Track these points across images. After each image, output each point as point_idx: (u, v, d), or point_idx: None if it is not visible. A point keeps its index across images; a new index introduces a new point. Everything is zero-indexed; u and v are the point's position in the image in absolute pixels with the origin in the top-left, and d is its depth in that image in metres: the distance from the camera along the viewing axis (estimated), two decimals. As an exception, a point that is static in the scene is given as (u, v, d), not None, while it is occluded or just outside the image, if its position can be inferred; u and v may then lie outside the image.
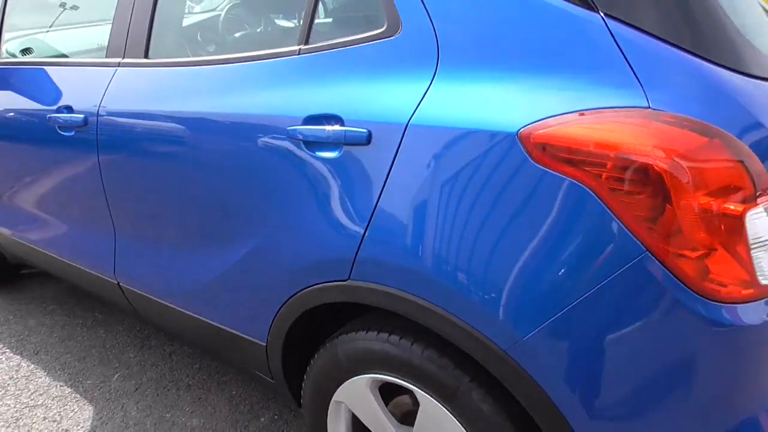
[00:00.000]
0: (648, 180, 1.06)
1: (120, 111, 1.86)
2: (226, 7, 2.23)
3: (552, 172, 1.12)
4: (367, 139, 1.33)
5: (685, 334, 1.09)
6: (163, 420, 2.19)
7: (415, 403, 1.45)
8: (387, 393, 1.54)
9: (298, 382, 1.72)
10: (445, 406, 1.35)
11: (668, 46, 1.14)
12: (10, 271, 3.04)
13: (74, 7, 2.55)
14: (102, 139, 1.92)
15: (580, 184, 1.10)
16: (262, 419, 2.18)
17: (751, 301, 1.10)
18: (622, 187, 1.07)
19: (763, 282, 1.09)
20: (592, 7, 1.17)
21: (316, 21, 1.51)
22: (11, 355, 2.57)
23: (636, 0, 1.17)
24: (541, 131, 1.13)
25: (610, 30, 1.15)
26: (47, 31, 2.56)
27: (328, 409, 1.63)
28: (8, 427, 2.17)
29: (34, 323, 2.79)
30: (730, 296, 1.08)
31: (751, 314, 1.09)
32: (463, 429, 1.35)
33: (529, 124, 1.14)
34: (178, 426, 2.16)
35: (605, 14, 1.16)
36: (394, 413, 1.54)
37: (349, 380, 1.53)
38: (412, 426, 1.46)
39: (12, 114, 2.30)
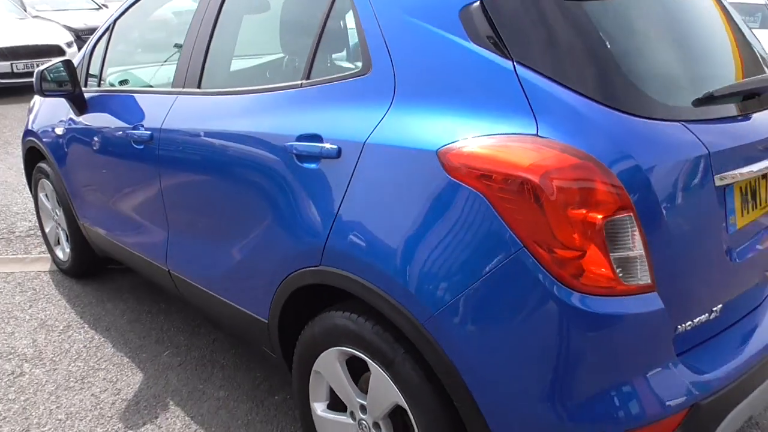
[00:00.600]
0: (524, 191, 1.35)
1: (175, 129, 2.34)
2: (256, 51, 2.70)
3: (458, 182, 1.43)
4: (338, 154, 1.70)
5: (552, 318, 1.36)
6: (196, 390, 2.60)
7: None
8: (358, 370, 1.84)
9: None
10: (387, 374, 1.66)
11: (562, 88, 1.43)
12: (98, 263, 3.61)
13: (177, 45, 3.05)
14: (161, 152, 2.40)
15: (478, 193, 1.40)
16: (276, 397, 2.54)
17: (610, 296, 1.35)
18: (507, 196, 1.37)
19: (624, 281, 1.34)
20: (506, 56, 1.48)
21: (315, 61, 1.91)
22: (88, 329, 3.10)
23: (542, 50, 1.47)
24: (451, 150, 1.45)
25: (517, 74, 1.46)
26: (138, 68, 3.13)
27: (309, 378, 1.97)
28: (77, 381, 2.66)
29: (111, 307, 3.32)
30: (595, 287, 1.34)
31: (606, 304, 1.34)
32: (400, 394, 1.65)
33: (445, 144, 1.47)
34: (207, 395, 2.56)
35: (517, 62, 1.47)
36: (363, 388, 1.85)
37: (324, 353, 1.87)
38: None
39: (107, 130, 2.85)
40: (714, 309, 1.57)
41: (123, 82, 3.12)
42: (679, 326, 1.49)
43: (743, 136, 1.59)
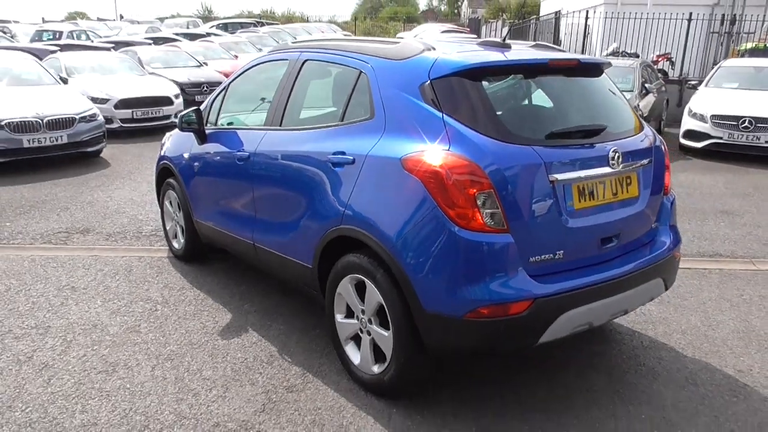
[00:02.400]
0: (439, 178, 2.65)
1: (264, 152, 3.77)
2: (315, 104, 4.08)
3: (409, 174, 2.75)
4: (353, 162, 3.06)
5: (452, 242, 2.63)
6: (265, 325, 3.95)
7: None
8: (361, 294, 3.12)
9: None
10: (373, 285, 2.96)
11: (465, 127, 2.74)
12: (201, 251, 5.05)
13: (266, 100, 4.53)
14: (255, 165, 3.84)
15: (418, 179, 2.71)
16: (316, 331, 3.84)
17: (482, 232, 2.61)
18: (431, 181, 2.67)
19: (483, 221, 2.60)
20: (439, 110, 2.82)
21: (347, 110, 3.30)
22: (195, 289, 4.52)
23: (458, 107, 2.79)
24: (406, 157, 2.78)
25: (444, 120, 2.79)
26: (241, 113, 4.62)
27: (334, 299, 3.28)
28: (190, 316, 4.06)
29: (209, 278, 4.74)
30: (471, 228, 2.61)
31: (478, 236, 2.61)
32: (380, 296, 2.93)
33: (405, 155, 2.80)
34: (272, 329, 3.90)
35: (444, 113, 2.80)
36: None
37: (342, 280, 3.18)
38: (363, 297, 3.08)
39: (220, 154, 4.32)
40: (558, 253, 2.78)
41: (230, 123, 4.61)
42: (531, 258, 2.72)
43: (575, 156, 2.83)
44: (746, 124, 9.43)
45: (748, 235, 6.00)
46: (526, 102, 3.13)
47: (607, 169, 2.91)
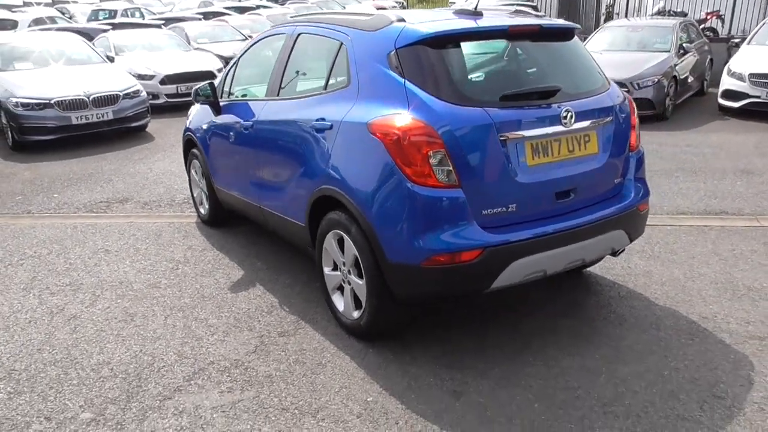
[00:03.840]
0: (397, 139, 2.94)
1: (263, 120, 4.12)
2: (306, 76, 4.36)
3: (373, 136, 3.04)
4: (331, 127, 3.37)
5: (408, 197, 2.92)
6: (272, 280, 4.35)
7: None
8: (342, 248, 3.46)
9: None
10: (349, 239, 3.28)
11: (423, 92, 3.01)
12: (224, 216, 5.48)
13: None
14: (256, 133, 4.20)
15: (380, 141, 3.01)
16: (318, 283, 4.22)
17: (435, 187, 2.89)
18: (390, 142, 2.96)
19: (436, 178, 2.87)
20: (402, 76, 3.09)
21: (329, 79, 3.60)
22: (216, 250, 4.96)
23: (417, 73, 3.05)
24: (371, 122, 3.07)
25: (405, 86, 3.06)
26: (250, 86, 4.98)
27: (322, 253, 3.62)
28: (207, 274, 4.51)
29: (230, 240, 5.17)
30: (425, 185, 2.89)
31: (432, 192, 2.88)
32: (356, 249, 3.26)
33: (371, 119, 3.09)
34: (278, 281, 4.29)
35: (406, 79, 3.07)
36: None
37: (327, 235, 3.52)
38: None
39: (231, 124, 4.70)
40: (510, 206, 3.03)
41: (243, 95, 4.97)
42: (484, 211, 2.98)
43: (527, 116, 3.05)
44: (785, 82, 9.15)
45: (762, 193, 6.00)
46: (485, 66, 3.35)
47: (559, 128, 3.12)
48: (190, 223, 5.71)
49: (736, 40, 12.38)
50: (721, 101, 9.94)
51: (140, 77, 10.95)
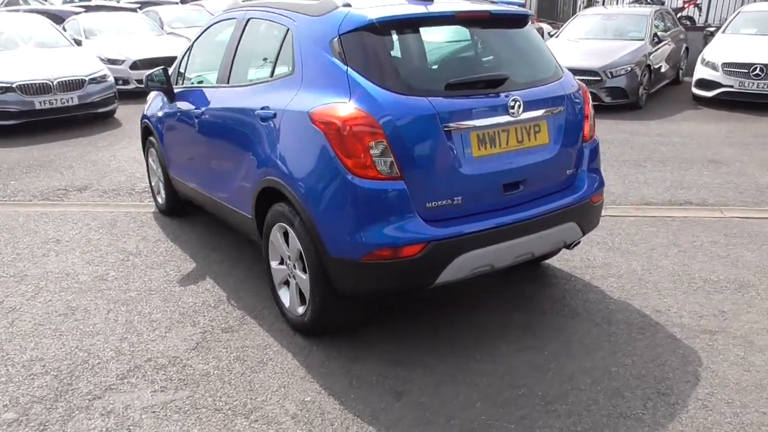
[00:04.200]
0: (337, 129, 2.82)
1: (212, 108, 3.98)
2: (254, 64, 4.21)
3: (314, 126, 2.92)
4: (274, 116, 3.24)
5: (348, 190, 2.81)
6: (223, 273, 4.23)
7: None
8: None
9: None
10: (293, 232, 3.17)
11: (366, 80, 2.89)
12: (181, 206, 5.33)
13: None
14: (206, 121, 4.06)
15: (320, 131, 2.89)
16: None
17: (375, 179, 2.78)
18: (331, 132, 2.84)
19: (377, 169, 2.77)
20: (345, 64, 2.96)
21: (276, 66, 3.46)
22: (170, 242, 4.83)
23: (360, 61, 2.93)
24: (313, 111, 2.95)
25: (347, 73, 2.94)
26: (203, 73, 4.82)
27: (269, 244, 3.51)
28: (157, 266, 4.38)
29: (187, 230, 5.04)
30: (366, 177, 2.78)
31: (373, 184, 2.78)
32: (299, 243, 3.14)
33: (312, 108, 2.97)
34: (231, 274, 4.18)
35: (349, 66, 2.94)
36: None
37: (273, 228, 3.40)
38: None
39: (183, 112, 4.55)
40: (456, 198, 2.93)
41: (198, 81, 4.82)
42: (427, 204, 2.88)
43: (472, 105, 2.94)
44: (757, 71, 9.12)
45: (727, 183, 5.96)
46: (431, 54, 3.24)
47: (507, 118, 3.02)
48: (148, 212, 5.56)
49: (711, 29, 12.35)
50: (694, 90, 9.91)
51: (110, 62, 10.71)
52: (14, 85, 8.30)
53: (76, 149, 7.85)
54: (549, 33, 11.89)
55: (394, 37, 3.02)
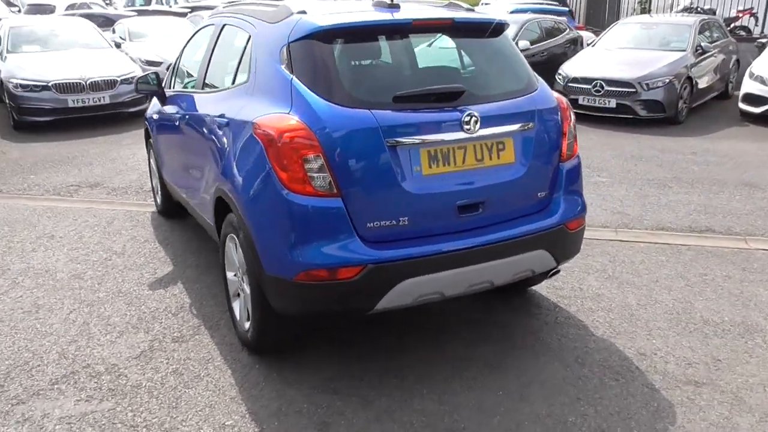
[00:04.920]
0: (273, 140, 2.66)
1: (188, 114, 3.90)
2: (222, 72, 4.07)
3: (257, 138, 2.77)
4: (227, 124, 3.11)
5: (282, 205, 2.65)
6: (199, 267, 4.13)
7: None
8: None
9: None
10: (239, 244, 3.03)
11: (309, 90, 2.72)
12: (174, 207, 5.25)
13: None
14: (186, 126, 3.98)
15: (260, 141, 2.74)
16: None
17: (309, 195, 2.61)
18: (267, 142, 2.69)
19: (312, 185, 2.59)
20: (291, 72, 2.80)
21: (237, 73, 3.34)
22: (156, 243, 4.78)
23: (304, 70, 2.77)
24: (254, 120, 2.80)
25: (291, 83, 2.77)
26: (189, 79, 4.75)
27: (225, 248, 3.36)
28: (138, 267, 4.33)
29: (177, 233, 4.99)
30: (301, 192, 2.61)
31: (307, 200, 2.60)
32: (242, 255, 3.00)
33: (256, 117, 2.82)
34: (201, 279, 4.07)
35: (294, 76, 2.78)
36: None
37: (227, 237, 3.26)
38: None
39: (169, 116, 4.49)
40: (401, 219, 2.72)
41: (185, 85, 4.75)
42: (368, 223, 2.67)
43: (421, 119, 2.72)
44: (813, 87, 8.45)
45: (760, 210, 5.47)
46: (385, 64, 3.04)
47: (461, 134, 2.78)
48: (146, 212, 5.55)
49: (763, 41, 11.55)
50: (741, 106, 9.27)
51: (148, 63, 10.90)
52: (50, 84, 8.55)
53: (101, 147, 7.99)
54: (588, 43, 11.38)
55: (343, 45, 2.84)
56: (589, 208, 5.39)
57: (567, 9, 15.82)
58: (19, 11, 19.59)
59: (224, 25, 3.81)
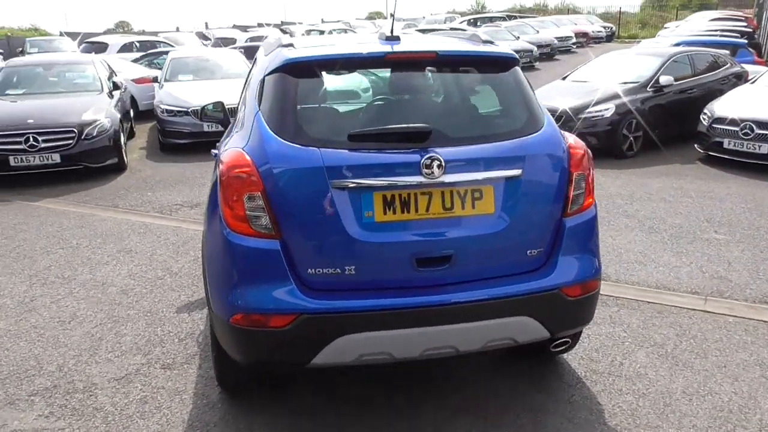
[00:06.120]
0: (221, 178, 2.57)
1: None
2: None
3: (218, 171, 2.72)
4: (216, 156, 3.09)
5: (224, 245, 2.54)
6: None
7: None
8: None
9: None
10: (212, 278, 2.98)
11: (266, 127, 2.60)
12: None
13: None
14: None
15: (218, 178, 2.68)
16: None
17: (248, 236, 2.48)
18: (218, 177, 2.61)
19: (251, 225, 2.46)
20: (259, 108, 2.71)
21: (239, 111, 3.33)
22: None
23: (265, 105, 2.65)
24: (219, 155, 2.75)
25: (255, 117, 2.69)
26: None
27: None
28: (166, 292, 4.48)
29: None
30: (239, 231, 2.50)
31: (243, 240, 2.48)
32: (213, 290, 2.95)
33: (222, 151, 2.77)
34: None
35: (258, 110, 2.70)
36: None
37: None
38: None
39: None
40: (347, 268, 2.48)
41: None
42: (309, 269, 2.48)
43: (376, 161, 2.47)
44: None
45: None
46: (351, 100, 2.81)
47: (419, 179, 2.48)
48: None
49: None
50: None
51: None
52: (189, 110, 9.35)
53: (222, 169, 8.52)
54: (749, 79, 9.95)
55: (312, 80, 2.69)
56: (686, 269, 4.69)
57: (743, 42, 14.12)
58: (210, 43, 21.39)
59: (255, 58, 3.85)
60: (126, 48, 17.92)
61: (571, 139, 2.83)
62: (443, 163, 2.48)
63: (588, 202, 2.80)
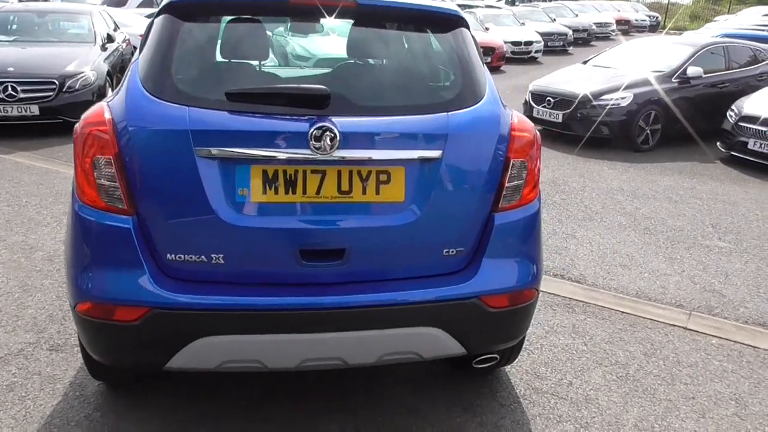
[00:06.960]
0: (75, 137, 2.13)
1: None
2: None
3: (84, 127, 2.28)
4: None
5: (74, 220, 2.09)
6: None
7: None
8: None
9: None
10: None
11: (136, 75, 2.13)
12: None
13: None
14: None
15: (83, 134, 2.24)
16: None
17: (98, 209, 2.04)
18: (74, 141, 2.17)
19: (99, 195, 2.02)
20: (139, 54, 2.26)
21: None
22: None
23: (145, 52, 2.18)
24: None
25: (132, 67, 2.23)
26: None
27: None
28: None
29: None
30: (87, 202, 2.06)
31: (91, 213, 2.05)
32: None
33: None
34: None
35: (138, 59, 2.24)
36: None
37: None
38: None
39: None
40: (214, 257, 2.05)
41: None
42: (170, 255, 2.05)
43: (253, 126, 2.00)
44: None
45: None
46: (241, 52, 2.32)
47: (306, 152, 2.01)
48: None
49: None
50: None
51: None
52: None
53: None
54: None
55: (198, 25, 2.22)
56: (675, 278, 4.14)
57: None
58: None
59: None
60: (146, 3, 17.57)
61: (516, 118, 2.33)
62: (338, 136, 2.01)
63: (529, 196, 2.30)
